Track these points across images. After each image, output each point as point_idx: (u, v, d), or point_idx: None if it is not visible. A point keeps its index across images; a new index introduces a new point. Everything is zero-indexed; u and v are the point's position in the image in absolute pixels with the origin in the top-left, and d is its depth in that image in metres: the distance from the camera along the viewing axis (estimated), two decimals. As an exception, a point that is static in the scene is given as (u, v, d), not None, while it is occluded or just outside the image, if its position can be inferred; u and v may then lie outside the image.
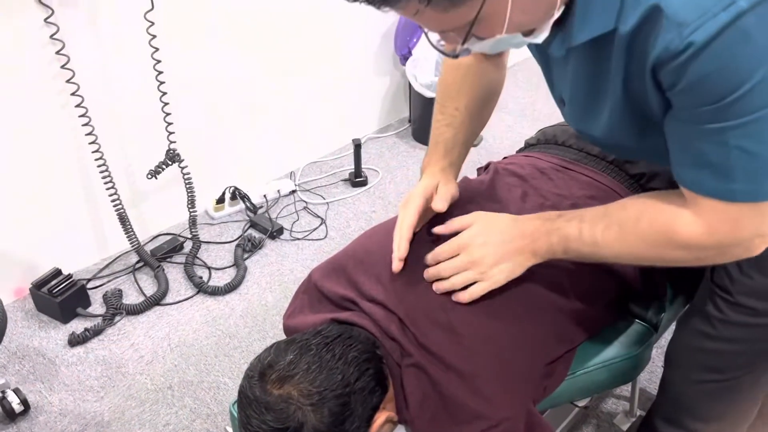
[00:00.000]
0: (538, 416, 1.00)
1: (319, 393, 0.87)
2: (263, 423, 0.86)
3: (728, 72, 0.64)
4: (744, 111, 0.66)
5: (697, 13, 0.62)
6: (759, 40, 0.61)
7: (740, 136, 0.68)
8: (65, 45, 1.77)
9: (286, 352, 0.91)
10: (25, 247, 1.99)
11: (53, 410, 1.69)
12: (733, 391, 1.06)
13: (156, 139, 2.05)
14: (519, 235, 0.95)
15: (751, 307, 0.96)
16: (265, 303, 2.03)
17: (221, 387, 1.76)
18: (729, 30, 0.61)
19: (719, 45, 0.62)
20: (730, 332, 1.00)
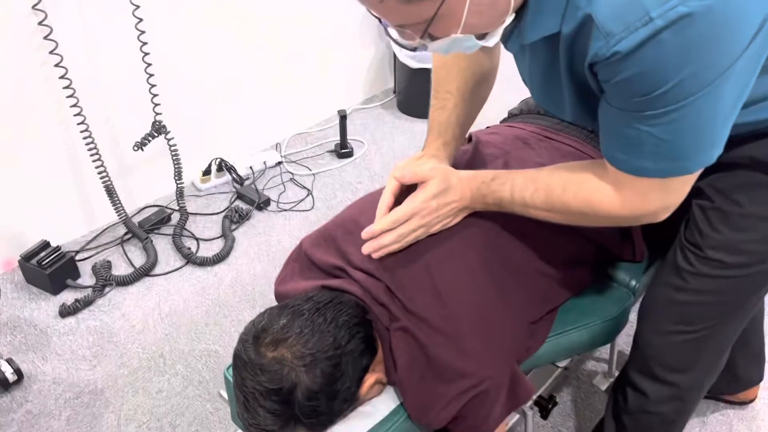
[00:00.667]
0: (521, 375, 1.05)
1: (312, 355, 0.91)
2: (258, 384, 0.90)
3: (648, 76, 0.73)
4: (660, 105, 0.75)
5: (620, 26, 0.70)
6: (673, 52, 0.69)
7: (655, 124, 0.77)
8: (47, 15, 1.76)
9: (279, 317, 0.95)
10: (12, 219, 1.99)
11: (47, 379, 1.72)
12: (702, 343, 1.11)
13: (142, 111, 2.05)
14: (461, 198, 1.03)
15: (719, 260, 1.02)
16: (254, 273, 2.06)
17: (212, 354, 1.79)
18: (647, 43, 0.70)
19: (639, 55, 0.71)
20: (699, 284, 1.05)
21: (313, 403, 0.92)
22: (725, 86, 0.73)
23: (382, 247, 1.02)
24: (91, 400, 1.67)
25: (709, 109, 0.75)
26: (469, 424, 1.01)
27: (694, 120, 0.76)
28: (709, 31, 0.68)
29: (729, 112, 0.78)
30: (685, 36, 0.68)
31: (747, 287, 1.06)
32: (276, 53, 2.51)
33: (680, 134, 0.78)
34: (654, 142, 0.79)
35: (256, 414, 0.92)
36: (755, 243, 1.00)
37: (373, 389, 1.02)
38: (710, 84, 0.72)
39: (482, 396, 0.99)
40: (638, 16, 0.69)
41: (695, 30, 0.68)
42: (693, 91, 0.72)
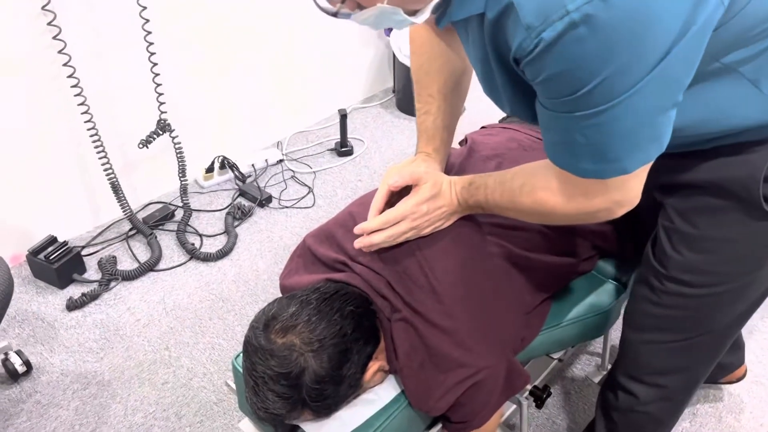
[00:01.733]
0: (517, 364, 1.10)
1: (320, 341, 0.96)
2: (268, 368, 0.95)
3: (570, 74, 0.72)
4: (588, 105, 0.74)
5: (540, 19, 0.69)
6: (592, 49, 0.68)
7: (585, 125, 0.76)
8: (56, 16, 1.80)
9: (288, 305, 1.00)
10: (20, 215, 2.03)
11: (55, 371, 1.76)
12: (688, 349, 1.14)
13: (147, 110, 2.10)
14: (449, 203, 1.07)
15: (684, 280, 1.04)
16: (257, 268, 2.11)
17: (216, 347, 1.84)
18: (565, 39, 0.68)
19: (558, 51, 0.69)
20: (670, 301, 1.07)
21: (320, 387, 0.96)
22: (653, 87, 0.72)
23: (372, 245, 1.07)
24: (99, 390, 1.71)
25: (640, 110, 0.74)
26: (466, 411, 1.06)
27: (625, 121, 0.75)
28: (628, 28, 0.66)
29: (663, 113, 0.76)
30: (603, 32, 0.66)
31: (717, 305, 1.06)
32: (277, 53, 2.55)
33: (613, 135, 0.77)
34: (587, 143, 0.79)
35: (266, 398, 0.96)
36: (717, 264, 1.01)
37: (376, 376, 1.07)
38: (636, 84, 0.71)
39: (479, 385, 1.04)
40: (556, 10, 0.67)
41: (613, 27, 0.66)
42: (619, 92, 0.71)
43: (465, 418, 1.07)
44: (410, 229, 1.06)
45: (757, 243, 0.98)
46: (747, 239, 0.98)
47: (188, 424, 1.63)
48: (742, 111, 0.86)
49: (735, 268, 1.02)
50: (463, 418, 1.07)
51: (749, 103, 0.85)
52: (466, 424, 1.08)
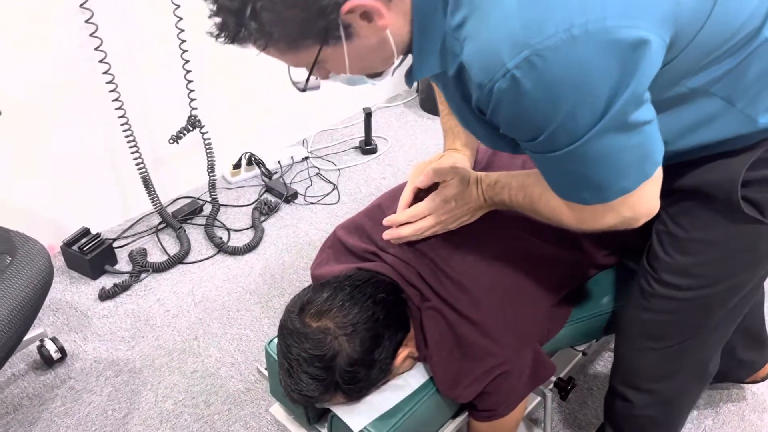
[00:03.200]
0: (543, 355, 1.12)
1: (353, 325, 0.99)
2: (303, 351, 0.98)
3: (525, 123, 0.75)
4: (557, 146, 0.76)
5: (486, 77, 0.72)
6: (537, 98, 0.71)
7: (567, 162, 0.79)
8: (94, 14, 1.86)
9: (322, 291, 1.03)
10: (55, 207, 2.10)
11: (88, 358, 1.81)
12: (679, 355, 1.14)
13: (178, 106, 2.15)
14: (475, 199, 1.09)
15: (673, 283, 1.05)
16: (283, 262, 2.15)
17: (243, 338, 1.88)
18: (510, 92, 0.71)
19: (508, 103, 0.73)
20: (661, 305, 1.08)
21: (353, 370, 0.99)
22: (613, 123, 0.73)
23: (401, 237, 1.10)
24: (130, 378, 1.76)
25: (611, 142, 0.75)
26: (493, 400, 1.09)
27: (602, 153, 0.76)
28: (567, 77, 0.69)
29: (638, 135, 0.76)
30: (543, 84, 0.69)
31: (706, 307, 1.07)
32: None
33: (597, 167, 0.78)
34: (578, 177, 0.81)
35: (300, 380, 0.99)
36: (703, 266, 1.02)
37: (405, 363, 1.10)
38: (595, 124, 0.72)
39: (506, 375, 1.06)
40: (497, 67, 0.70)
41: (552, 78, 0.69)
42: (580, 132, 0.73)
43: (491, 407, 1.10)
44: (437, 224, 1.09)
45: (740, 246, 0.99)
46: (730, 242, 0.99)
47: (216, 411, 1.67)
48: (719, 126, 0.88)
49: (720, 270, 1.02)
50: (489, 407, 1.10)
51: (726, 119, 0.87)
52: (492, 412, 1.10)
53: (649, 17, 0.70)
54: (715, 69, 0.81)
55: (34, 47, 1.84)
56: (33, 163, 1.99)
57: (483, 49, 0.72)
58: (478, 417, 1.14)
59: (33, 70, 1.87)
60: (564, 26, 0.67)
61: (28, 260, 1.44)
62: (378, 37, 0.76)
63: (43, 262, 1.45)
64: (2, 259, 1.42)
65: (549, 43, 0.67)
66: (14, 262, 1.42)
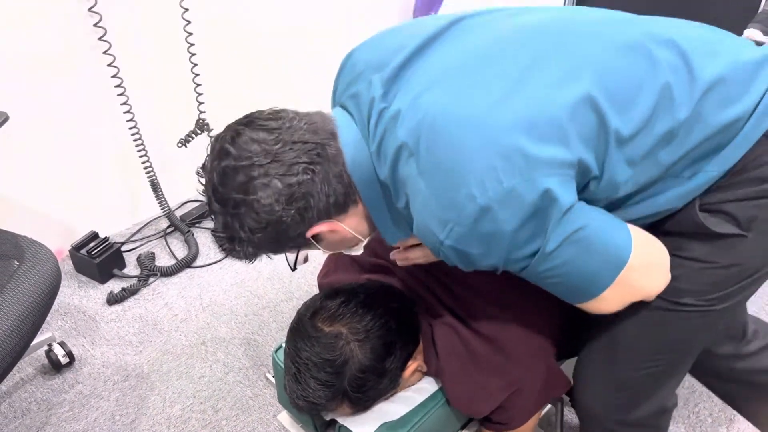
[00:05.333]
0: (557, 368, 1.10)
1: (366, 331, 0.98)
2: (314, 355, 0.97)
3: (479, 265, 0.84)
4: (519, 270, 0.85)
5: (432, 247, 0.84)
6: (473, 252, 0.81)
7: (536, 277, 0.86)
8: (102, 17, 1.85)
9: (336, 297, 1.02)
10: (63, 211, 2.10)
11: (96, 362, 1.81)
12: (656, 376, 1.08)
13: (186, 110, 2.14)
14: None
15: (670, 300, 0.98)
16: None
17: (251, 343, 1.87)
18: (453, 253, 0.82)
19: (456, 259, 0.84)
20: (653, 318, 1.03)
21: (364, 377, 0.98)
22: (551, 252, 0.80)
23: (408, 259, 1.07)
24: (138, 383, 1.75)
25: (561, 263, 0.82)
26: (508, 415, 1.07)
27: (557, 270, 0.83)
28: (491, 234, 0.79)
29: (583, 247, 0.82)
30: (474, 244, 0.80)
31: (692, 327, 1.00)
32: (314, 57, 2.58)
33: (561, 280, 0.85)
34: (551, 287, 0.87)
35: (307, 386, 0.98)
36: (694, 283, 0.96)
37: (413, 376, 1.08)
38: (533, 256, 0.81)
39: (521, 390, 1.05)
40: (435, 240, 0.82)
41: (479, 238, 0.79)
42: (526, 262, 0.82)
43: (504, 420, 1.08)
44: None
45: (718, 264, 0.93)
46: (713, 260, 0.93)
47: (224, 417, 1.66)
48: (672, 199, 0.89)
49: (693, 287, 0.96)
50: (502, 420, 1.08)
51: (673, 189, 0.87)
52: (505, 425, 1.09)
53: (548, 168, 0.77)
54: (638, 167, 0.84)
55: (43, 51, 1.84)
56: (41, 168, 1.99)
57: (420, 227, 0.84)
58: (491, 428, 1.12)
59: (41, 75, 1.87)
60: (471, 197, 0.77)
61: (35, 265, 1.44)
62: (342, 236, 0.92)
63: (50, 266, 1.44)
64: (10, 264, 1.42)
65: (465, 214, 0.78)
66: (22, 266, 1.42)
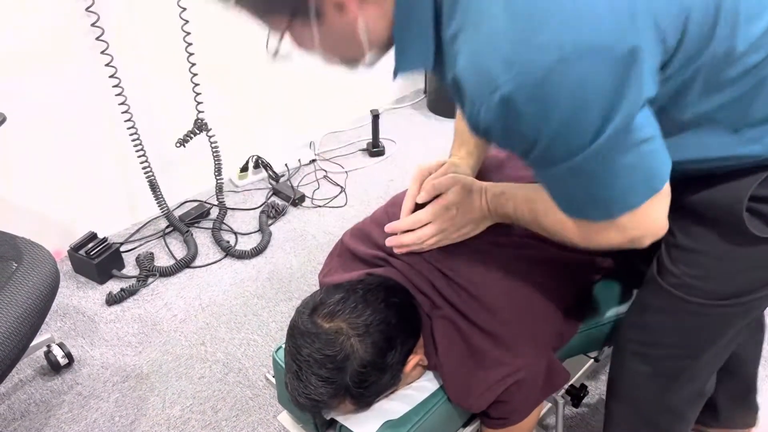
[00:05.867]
0: (556, 363, 1.10)
1: (366, 326, 0.97)
2: (314, 351, 0.96)
3: (518, 135, 0.73)
4: (553, 161, 0.74)
5: (478, 94, 0.71)
6: (528, 112, 0.69)
7: (566, 178, 0.77)
8: (100, 17, 1.85)
9: (335, 293, 1.01)
10: (61, 211, 2.09)
11: (95, 363, 1.80)
12: (671, 372, 1.10)
13: (185, 110, 2.14)
14: (478, 208, 1.06)
15: (680, 296, 1.00)
16: (290, 266, 2.13)
17: (251, 343, 1.86)
18: (501, 109, 0.69)
19: (499, 118, 0.71)
20: (662, 315, 1.05)
21: (365, 372, 0.97)
22: (614, 139, 0.71)
23: (402, 244, 1.07)
24: (137, 383, 1.75)
25: (610, 159, 0.73)
26: (506, 409, 1.06)
27: (601, 170, 0.74)
28: (559, 91, 0.67)
29: (643, 155, 0.75)
30: (534, 100, 0.68)
31: (710, 323, 1.02)
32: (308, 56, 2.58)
33: (598, 183, 0.77)
34: (576, 191, 0.79)
35: (309, 383, 0.97)
36: (710, 280, 0.97)
37: (415, 371, 1.08)
38: (593, 141, 0.71)
39: (520, 383, 1.04)
40: (488, 85, 0.69)
41: (543, 92, 0.67)
42: (574, 148, 0.72)
43: (504, 415, 1.08)
44: (438, 232, 1.06)
45: (749, 263, 0.94)
46: (738, 258, 0.94)
47: (224, 418, 1.66)
48: (722, 150, 0.84)
49: (728, 286, 0.97)
50: (502, 415, 1.08)
51: (729, 144, 0.83)
52: (505, 420, 1.08)
53: (642, 22, 0.68)
54: (722, 95, 0.78)
55: (40, 51, 1.84)
56: (39, 168, 1.98)
57: (474, 66, 0.71)
58: (492, 425, 1.12)
59: (39, 75, 1.86)
60: (554, 44, 0.65)
61: (34, 266, 1.43)
62: (348, 28, 0.77)
63: (49, 268, 1.44)
64: (8, 266, 1.41)
65: (539, 61, 0.66)
66: (20, 268, 1.42)
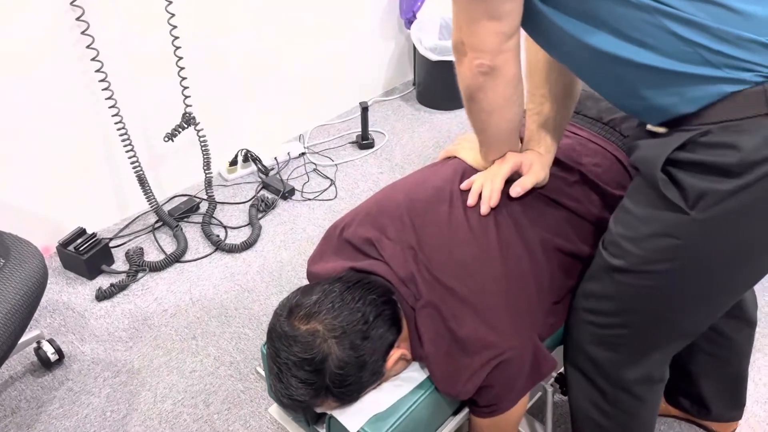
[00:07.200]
0: (543, 349, 1.11)
1: (342, 327, 0.98)
2: (292, 355, 0.97)
3: None
4: None
5: None
6: None
7: None
8: (85, 11, 1.83)
9: (311, 293, 1.01)
10: (49, 207, 2.08)
11: (86, 359, 1.80)
12: (612, 339, 1.11)
13: (172, 103, 2.13)
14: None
15: (610, 251, 1.02)
16: (281, 259, 2.13)
17: (242, 337, 1.87)
18: None
19: None
20: (601, 276, 1.07)
21: (344, 373, 0.98)
22: None
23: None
24: (129, 378, 1.75)
25: None
26: (493, 394, 1.07)
27: None
28: None
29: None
30: None
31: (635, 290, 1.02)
32: (299, 47, 2.57)
33: None
34: None
35: (289, 384, 0.98)
36: (630, 241, 0.98)
37: (397, 365, 1.08)
38: None
39: (505, 365, 1.04)
40: None
41: None
42: None
43: (492, 402, 1.08)
44: None
45: (662, 230, 0.93)
46: (653, 222, 0.94)
47: (216, 411, 1.66)
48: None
49: (644, 250, 0.96)
50: (490, 402, 1.08)
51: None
52: (493, 407, 1.09)
53: None
54: None
55: (25, 46, 1.82)
56: (26, 164, 1.97)
57: None
58: (480, 413, 1.13)
59: (24, 71, 1.85)
60: None
61: (21, 262, 1.43)
62: None
63: (36, 263, 1.44)
64: (-5, 262, 1.41)
65: None
66: (7, 264, 1.41)
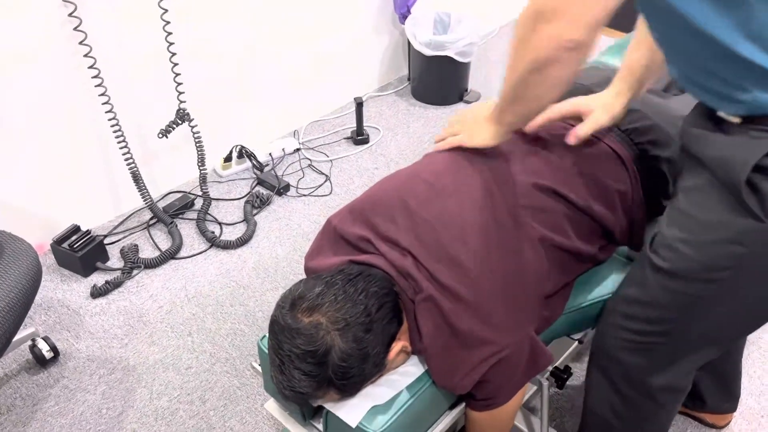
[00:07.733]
0: (540, 344, 1.11)
1: (345, 320, 0.97)
2: (295, 347, 0.96)
3: None
4: None
5: None
6: None
7: None
8: (77, 7, 1.82)
9: (314, 286, 1.01)
10: (43, 204, 2.07)
11: (81, 356, 1.80)
12: (647, 348, 1.12)
13: (166, 100, 2.12)
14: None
15: (662, 255, 1.01)
16: (276, 256, 2.13)
17: (238, 333, 1.86)
18: None
19: None
20: (650, 279, 1.06)
21: (347, 365, 0.98)
22: None
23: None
24: (124, 376, 1.75)
25: None
26: (491, 388, 1.07)
27: None
28: None
29: None
30: None
31: (688, 297, 1.01)
32: (293, 43, 2.56)
33: None
34: None
35: (292, 377, 0.98)
36: (690, 246, 0.96)
37: (398, 357, 1.08)
38: None
39: (504, 362, 1.05)
40: None
41: None
42: None
43: (489, 395, 1.09)
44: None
45: (730, 238, 0.92)
46: (721, 229, 0.92)
47: (212, 407, 1.66)
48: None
49: (705, 257, 0.95)
50: (487, 395, 1.09)
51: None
52: (490, 401, 1.09)
53: None
54: None
55: (18, 43, 1.81)
56: (19, 161, 1.96)
57: None
58: (476, 407, 1.13)
59: (17, 68, 1.83)
60: None
61: (15, 260, 1.42)
62: None
63: (30, 261, 1.43)
64: (-11, 260, 1.40)
65: None
66: (1, 262, 1.41)
